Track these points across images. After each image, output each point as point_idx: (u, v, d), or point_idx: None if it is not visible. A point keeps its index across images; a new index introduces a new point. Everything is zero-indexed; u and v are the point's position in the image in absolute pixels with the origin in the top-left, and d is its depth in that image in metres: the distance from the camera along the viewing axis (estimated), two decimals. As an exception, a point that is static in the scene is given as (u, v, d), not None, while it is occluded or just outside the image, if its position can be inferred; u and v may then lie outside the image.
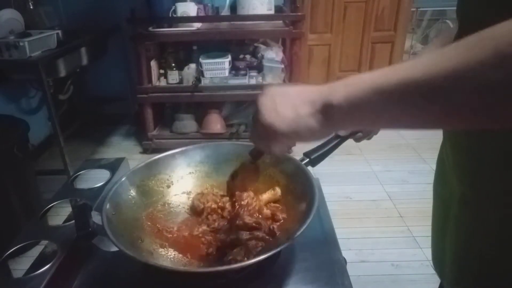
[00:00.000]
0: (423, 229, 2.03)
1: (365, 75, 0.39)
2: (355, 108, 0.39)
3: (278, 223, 0.66)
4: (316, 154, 0.71)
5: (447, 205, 0.63)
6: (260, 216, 0.65)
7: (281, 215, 0.67)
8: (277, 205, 0.69)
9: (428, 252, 1.91)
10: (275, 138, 0.47)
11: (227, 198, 0.72)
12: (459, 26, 0.54)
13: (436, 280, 0.73)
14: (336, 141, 0.71)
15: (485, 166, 0.51)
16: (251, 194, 0.68)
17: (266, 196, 0.70)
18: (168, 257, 0.62)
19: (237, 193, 0.70)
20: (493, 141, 0.49)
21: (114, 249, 0.55)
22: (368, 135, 0.75)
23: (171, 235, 0.66)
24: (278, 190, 0.71)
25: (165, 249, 0.63)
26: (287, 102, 0.45)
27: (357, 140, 0.75)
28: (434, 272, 0.72)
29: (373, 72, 0.39)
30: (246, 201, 0.67)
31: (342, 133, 0.71)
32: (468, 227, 0.57)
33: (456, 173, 0.58)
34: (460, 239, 0.59)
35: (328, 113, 0.41)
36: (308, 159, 0.70)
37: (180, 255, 0.63)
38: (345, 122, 0.42)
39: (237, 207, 0.66)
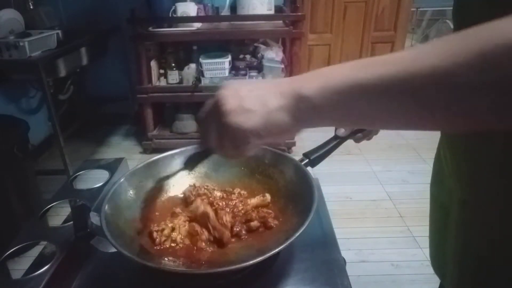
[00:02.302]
0: (423, 229, 2.02)
1: (340, 67, 0.37)
2: (329, 101, 0.36)
3: (270, 230, 0.65)
4: (315, 155, 0.70)
5: (446, 208, 0.62)
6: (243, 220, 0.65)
7: (272, 222, 0.66)
8: (269, 211, 0.68)
9: (428, 252, 1.91)
10: (244, 141, 0.41)
11: (218, 194, 0.72)
12: (457, 29, 0.53)
13: (436, 280, 0.73)
14: (335, 142, 0.71)
15: (484, 168, 0.51)
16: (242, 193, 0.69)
17: (254, 201, 0.70)
18: (167, 258, 0.62)
19: (227, 189, 0.71)
20: (492, 143, 0.49)
21: (113, 250, 0.55)
22: (368, 135, 0.75)
23: (169, 236, 0.66)
24: (267, 196, 0.71)
25: (164, 250, 0.63)
26: (253, 96, 0.40)
27: (357, 140, 0.75)
28: (434, 272, 0.72)
29: (349, 64, 0.37)
30: (234, 202, 0.67)
31: (341, 133, 0.70)
32: (468, 230, 0.56)
33: (454, 175, 0.58)
34: (461, 242, 0.58)
35: (300, 106, 0.38)
36: (307, 160, 0.70)
37: (179, 256, 0.62)
38: (317, 117, 0.38)
39: (216, 206, 0.66)
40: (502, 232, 0.51)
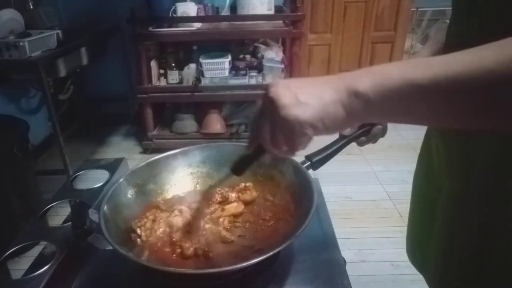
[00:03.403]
0: (423, 229, 2.02)
1: (391, 66, 0.38)
2: (385, 98, 0.37)
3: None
4: (317, 157, 0.70)
5: (433, 202, 0.63)
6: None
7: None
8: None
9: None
10: (301, 133, 0.41)
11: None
12: (453, 15, 0.53)
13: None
14: (338, 145, 0.70)
15: (476, 162, 0.51)
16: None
17: (230, 208, 0.71)
18: (167, 257, 0.62)
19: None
20: (485, 138, 0.49)
21: (110, 247, 0.55)
22: (372, 139, 0.74)
23: (170, 235, 0.66)
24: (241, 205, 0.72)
25: (164, 249, 0.63)
26: (308, 90, 0.41)
27: (361, 144, 0.74)
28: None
29: (399, 63, 0.38)
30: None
31: (347, 132, 0.69)
32: (456, 223, 0.57)
33: (446, 169, 0.58)
34: (447, 234, 0.59)
35: (354, 101, 0.38)
36: (309, 162, 0.70)
37: (179, 256, 0.62)
38: (370, 113, 0.39)
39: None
40: (490, 225, 0.51)
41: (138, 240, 0.63)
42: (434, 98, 0.35)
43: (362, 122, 0.42)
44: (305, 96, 0.40)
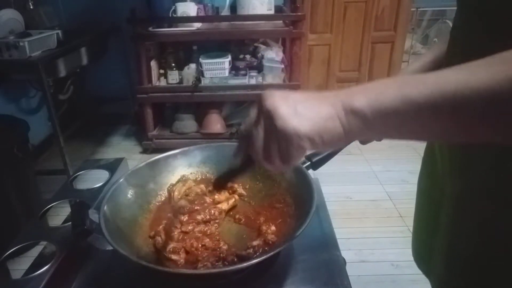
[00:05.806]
0: (423, 229, 2.02)
1: (386, 82, 0.37)
2: (381, 115, 0.36)
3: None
4: (318, 157, 0.69)
5: (438, 203, 0.63)
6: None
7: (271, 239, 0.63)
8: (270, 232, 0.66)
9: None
10: (298, 146, 0.39)
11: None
12: (460, 10, 0.53)
13: (436, 281, 0.73)
14: None
15: (479, 162, 0.52)
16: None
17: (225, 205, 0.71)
18: (168, 257, 0.62)
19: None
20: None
21: (110, 247, 0.55)
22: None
23: (170, 235, 0.66)
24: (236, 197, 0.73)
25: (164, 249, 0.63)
26: (305, 103, 0.39)
27: (364, 142, 0.73)
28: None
29: (395, 79, 0.38)
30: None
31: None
32: (459, 224, 0.57)
33: (450, 169, 0.58)
34: (452, 236, 0.59)
35: (351, 117, 0.38)
36: (309, 162, 0.70)
37: (179, 255, 0.62)
38: (366, 129, 0.38)
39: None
40: (495, 227, 0.51)
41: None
42: (429, 115, 0.35)
43: (360, 139, 0.41)
44: (303, 108, 0.39)
